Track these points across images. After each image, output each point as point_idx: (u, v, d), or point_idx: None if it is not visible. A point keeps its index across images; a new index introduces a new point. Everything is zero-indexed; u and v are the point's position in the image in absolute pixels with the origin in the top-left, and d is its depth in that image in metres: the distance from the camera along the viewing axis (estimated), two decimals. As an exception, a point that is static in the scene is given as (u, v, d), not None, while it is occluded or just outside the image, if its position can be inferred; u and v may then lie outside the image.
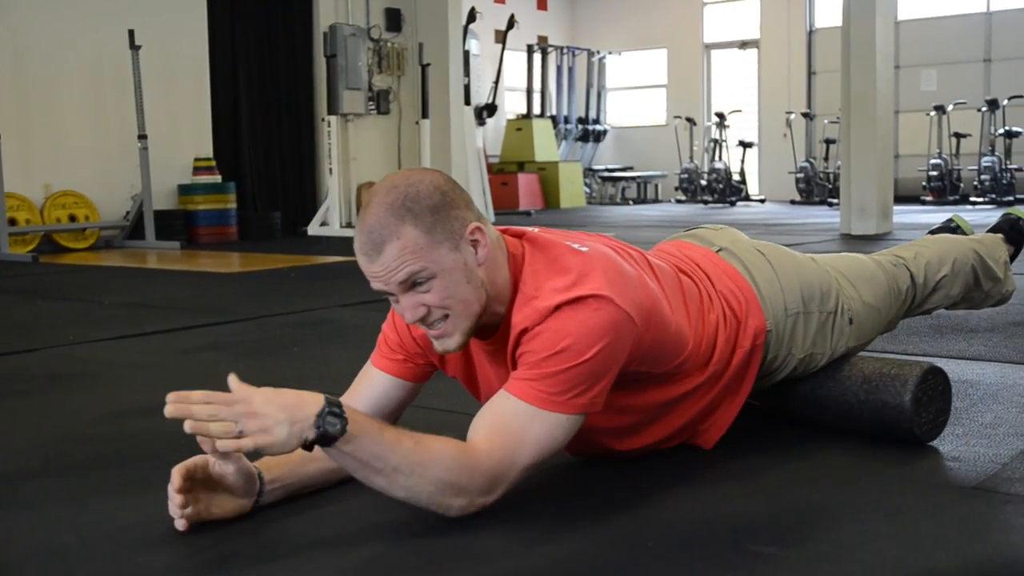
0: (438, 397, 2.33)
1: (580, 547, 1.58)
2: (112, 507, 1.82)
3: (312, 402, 1.51)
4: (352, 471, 1.58)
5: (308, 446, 1.51)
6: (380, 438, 1.54)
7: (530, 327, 1.66)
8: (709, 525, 1.67)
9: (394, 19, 10.67)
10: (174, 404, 1.47)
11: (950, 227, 2.83)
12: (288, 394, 1.51)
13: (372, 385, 1.90)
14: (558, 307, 1.64)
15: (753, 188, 15.41)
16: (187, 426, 1.47)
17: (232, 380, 1.52)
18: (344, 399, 1.86)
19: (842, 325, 2.17)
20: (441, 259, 1.63)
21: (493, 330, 1.76)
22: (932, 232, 2.83)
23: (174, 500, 1.62)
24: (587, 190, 15.63)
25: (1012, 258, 2.74)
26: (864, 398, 2.10)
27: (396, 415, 1.92)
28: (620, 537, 1.62)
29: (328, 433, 1.49)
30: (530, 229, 1.82)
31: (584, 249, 1.74)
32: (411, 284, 1.64)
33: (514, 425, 1.63)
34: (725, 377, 1.98)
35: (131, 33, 8.14)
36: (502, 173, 13.96)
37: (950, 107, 12.88)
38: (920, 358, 2.79)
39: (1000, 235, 2.73)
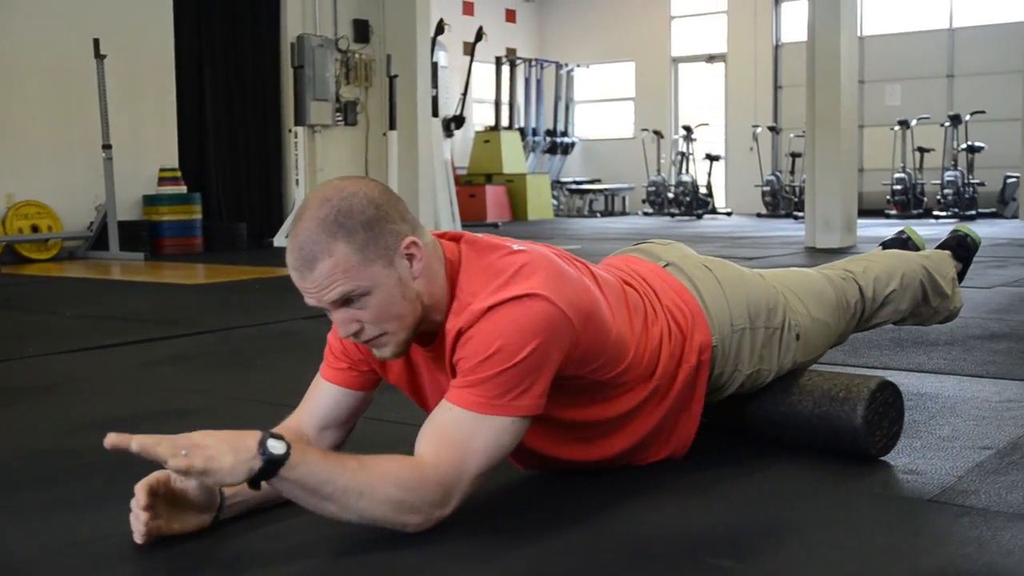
0: (394, 410, 2.32)
1: (537, 561, 1.58)
2: (71, 521, 1.81)
3: (250, 434, 1.52)
4: (303, 502, 1.56)
5: (255, 481, 1.51)
6: (324, 462, 1.54)
7: (464, 328, 1.65)
8: (667, 538, 1.67)
9: (362, 30, 10.67)
10: (114, 435, 1.49)
11: (902, 239, 2.86)
12: (224, 431, 1.53)
13: (321, 397, 1.89)
14: (490, 308, 1.63)
15: (720, 201, 15.50)
16: (134, 445, 1.47)
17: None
18: (296, 413, 1.88)
19: (789, 341, 2.17)
20: (374, 276, 1.61)
21: (433, 337, 1.75)
22: (884, 245, 2.86)
23: (139, 517, 1.60)
24: (555, 202, 15.66)
25: (960, 276, 2.76)
26: (817, 424, 2.10)
27: (350, 425, 1.91)
28: (578, 550, 1.62)
29: (273, 456, 1.49)
30: (468, 232, 1.81)
31: (523, 249, 1.73)
32: (344, 301, 1.63)
33: (458, 435, 1.62)
34: (672, 393, 1.97)
35: (96, 42, 8.08)
36: (470, 185, 13.97)
37: (914, 122, 13.03)
38: (879, 371, 2.82)
39: (948, 252, 2.76)
